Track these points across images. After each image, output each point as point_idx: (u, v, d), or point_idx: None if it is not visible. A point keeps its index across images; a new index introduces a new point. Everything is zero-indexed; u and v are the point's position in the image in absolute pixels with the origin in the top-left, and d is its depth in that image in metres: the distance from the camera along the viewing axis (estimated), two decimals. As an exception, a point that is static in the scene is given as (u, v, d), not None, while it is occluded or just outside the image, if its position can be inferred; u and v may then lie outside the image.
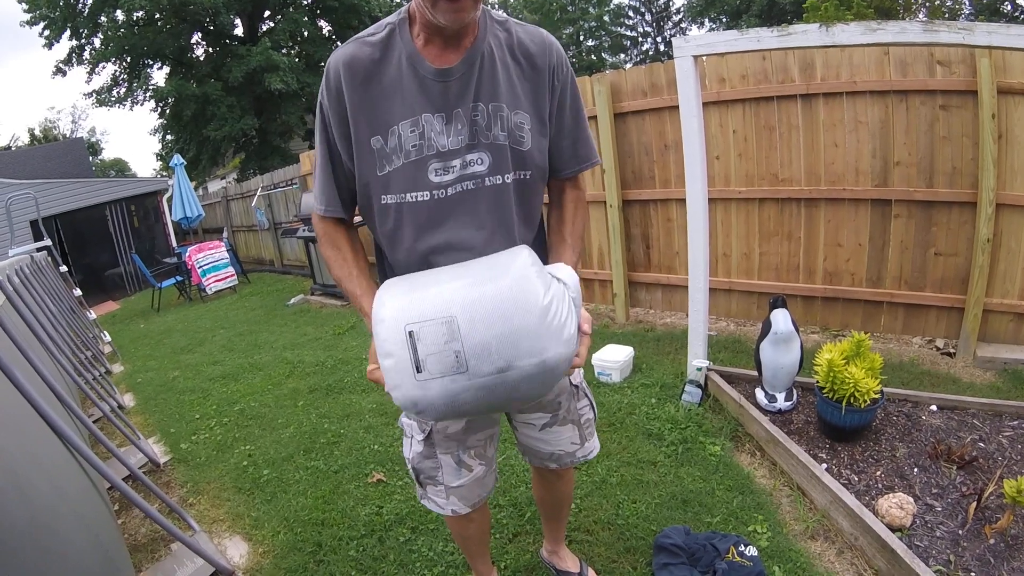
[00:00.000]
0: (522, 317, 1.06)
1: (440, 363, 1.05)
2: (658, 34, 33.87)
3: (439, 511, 1.59)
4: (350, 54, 1.23)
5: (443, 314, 1.06)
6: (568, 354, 1.12)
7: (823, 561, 2.02)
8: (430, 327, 1.06)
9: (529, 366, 1.07)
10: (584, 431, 1.65)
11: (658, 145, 4.44)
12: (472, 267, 1.17)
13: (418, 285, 1.15)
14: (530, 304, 1.07)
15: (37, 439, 1.81)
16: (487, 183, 1.27)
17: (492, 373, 1.06)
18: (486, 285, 1.09)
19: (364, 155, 1.25)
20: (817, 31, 2.43)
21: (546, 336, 1.07)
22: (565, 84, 1.34)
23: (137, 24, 18.11)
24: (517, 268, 1.12)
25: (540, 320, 1.07)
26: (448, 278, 1.14)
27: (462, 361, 1.05)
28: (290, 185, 9.89)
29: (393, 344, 1.08)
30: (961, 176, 3.36)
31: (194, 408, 4.31)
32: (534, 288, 1.09)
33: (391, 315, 1.10)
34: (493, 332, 1.05)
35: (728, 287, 4.40)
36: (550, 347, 1.07)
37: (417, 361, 1.05)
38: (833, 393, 2.50)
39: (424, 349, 1.05)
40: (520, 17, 7.30)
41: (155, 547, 2.59)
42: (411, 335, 1.06)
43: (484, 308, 1.06)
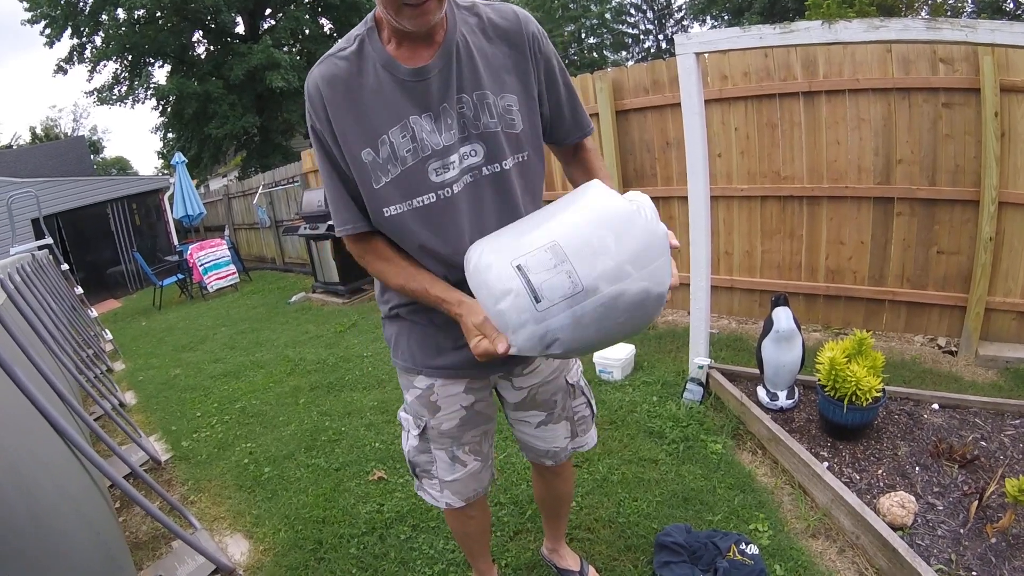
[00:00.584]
0: (621, 228, 1.06)
1: (556, 287, 1.03)
2: (660, 31, 33.80)
3: (433, 503, 1.60)
4: (326, 72, 1.21)
5: (544, 242, 1.06)
6: (668, 260, 1.11)
7: (824, 560, 2.01)
8: (535, 256, 1.05)
9: (640, 274, 1.06)
10: (577, 427, 1.66)
11: (660, 142, 4.43)
12: (548, 207, 1.18)
13: (505, 232, 1.16)
14: (624, 215, 1.08)
15: (39, 437, 1.81)
16: (485, 172, 1.25)
17: (609, 284, 1.04)
18: (571, 208, 1.11)
19: (359, 169, 1.23)
20: (819, 28, 2.42)
21: (647, 244, 1.07)
22: (548, 55, 1.32)
23: (138, 22, 18.09)
24: (595, 190, 1.14)
25: (640, 228, 1.07)
26: (532, 220, 1.16)
27: (576, 281, 1.03)
28: (292, 183, 9.88)
29: (507, 282, 1.06)
30: (964, 174, 3.35)
31: (195, 406, 4.32)
32: (619, 201, 1.10)
33: (495, 258, 1.09)
34: (592, 245, 1.05)
35: (730, 285, 4.40)
36: (651, 248, 1.07)
37: (534, 290, 1.04)
38: (835, 391, 2.49)
39: (536, 278, 1.04)
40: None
41: (156, 545, 2.59)
42: (519, 268, 1.05)
43: (579, 226, 1.07)
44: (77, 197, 12.47)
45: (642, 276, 1.06)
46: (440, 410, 1.47)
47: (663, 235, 1.11)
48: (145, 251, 11.86)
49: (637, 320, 1.10)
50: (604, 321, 1.06)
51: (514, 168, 1.29)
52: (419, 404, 1.48)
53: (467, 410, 1.48)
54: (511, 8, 1.30)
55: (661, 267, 1.09)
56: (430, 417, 1.48)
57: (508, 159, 1.27)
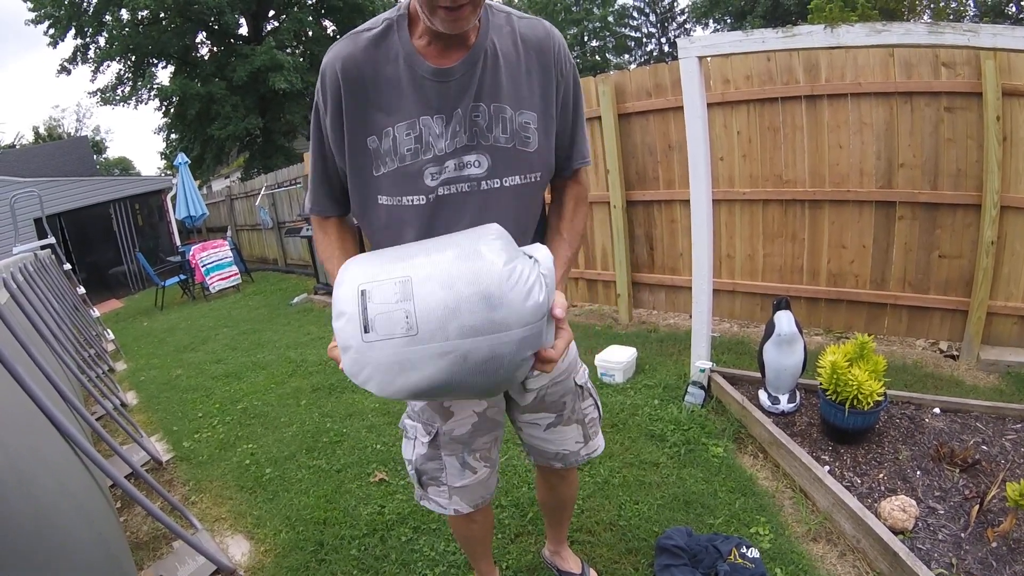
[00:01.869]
0: (478, 280, 0.98)
1: (389, 323, 0.98)
2: (662, 35, 33.88)
3: (440, 511, 1.58)
4: (346, 52, 1.18)
5: (399, 275, 1.02)
6: (529, 334, 1.01)
7: (825, 563, 2.01)
8: (383, 286, 1.01)
9: (483, 337, 0.98)
10: (588, 430, 1.64)
11: (662, 146, 4.44)
12: (442, 239, 1.12)
13: (385, 256, 1.11)
14: (487, 268, 0.99)
15: (41, 436, 1.81)
16: (483, 186, 1.22)
17: (442, 340, 0.97)
18: (447, 251, 1.04)
19: (360, 154, 1.21)
20: (822, 32, 2.43)
21: (503, 303, 0.97)
22: (569, 78, 1.29)
23: (142, 23, 18.17)
24: (482, 236, 1.07)
25: (497, 285, 0.98)
26: (415, 250, 1.10)
27: (412, 324, 0.97)
28: (294, 184, 9.91)
29: (346, 303, 1.02)
30: (965, 178, 3.35)
31: (197, 406, 4.32)
32: (495, 254, 1.01)
33: (349, 277, 1.06)
34: (446, 295, 0.98)
35: (732, 288, 4.39)
36: (509, 317, 0.98)
37: (365, 320, 0.99)
38: (836, 395, 2.49)
39: (374, 308, 0.99)
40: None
41: (157, 545, 2.60)
42: (363, 294, 1.01)
43: (440, 270, 1.00)
44: (80, 197, 12.48)
45: (484, 342, 0.98)
46: (453, 416, 1.46)
47: (532, 306, 1.00)
48: (147, 251, 11.87)
49: (468, 382, 1.02)
50: (427, 373, 0.99)
51: (519, 188, 1.25)
52: (431, 410, 1.46)
53: (479, 416, 1.47)
54: (542, 24, 1.27)
55: (514, 338, 0.99)
56: (442, 423, 1.46)
57: (514, 177, 1.24)
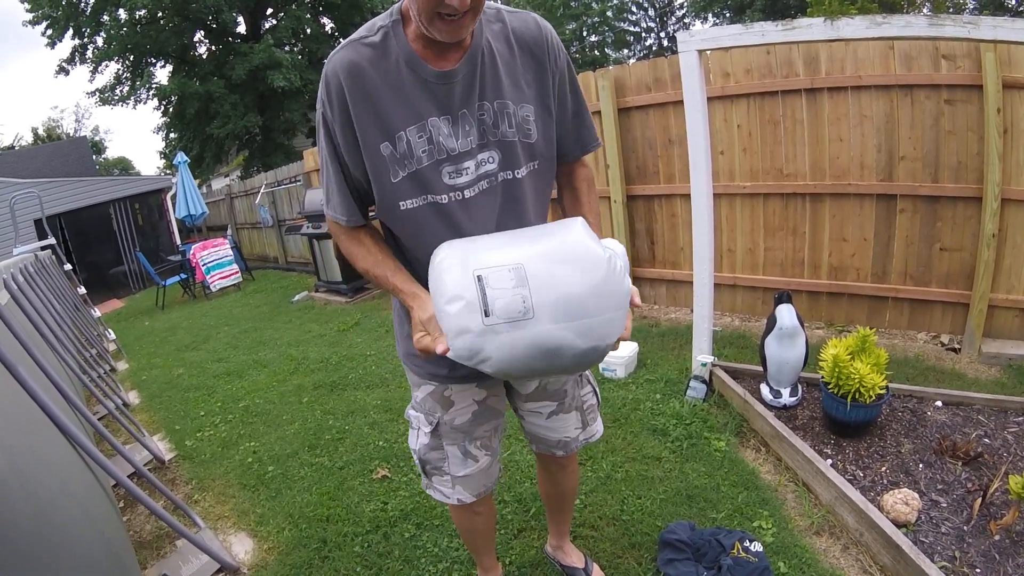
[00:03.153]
0: (586, 271, 1.07)
1: (508, 308, 1.04)
2: (661, 29, 33.72)
3: (444, 500, 1.61)
4: (348, 59, 1.19)
5: (511, 262, 1.07)
6: (623, 315, 1.11)
7: (828, 557, 2.02)
8: (498, 273, 1.06)
9: (590, 320, 1.06)
10: (587, 416, 1.68)
11: (662, 140, 4.43)
12: (529, 231, 1.18)
13: (479, 241, 1.16)
14: (593, 259, 1.08)
15: (43, 436, 1.81)
16: (499, 179, 1.27)
17: (556, 323, 1.05)
18: (549, 241, 1.12)
19: (376, 162, 1.23)
20: (822, 25, 2.42)
21: (607, 294, 1.07)
22: (563, 68, 1.33)
23: (140, 23, 18.10)
24: (577, 229, 1.14)
25: (604, 276, 1.08)
26: (508, 238, 1.16)
27: (529, 308, 1.04)
28: (294, 182, 9.89)
29: (462, 288, 1.06)
30: (966, 171, 3.34)
31: (199, 405, 4.32)
32: (594, 246, 1.10)
33: (458, 261, 1.10)
34: (556, 280, 1.05)
35: (733, 282, 4.39)
36: (609, 301, 1.08)
37: (486, 304, 1.04)
38: (838, 388, 2.49)
39: (493, 293, 1.05)
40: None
41: (160, 544, 2.60)
42: (479, 279, 1.06)
43: (549, 261, 1.07)
44: (80, 197, 12.47)
45: (590, 323, 1.06)
46: (453, 405, 1.48)
47: (626, 291, 1.12)
48: (148, 251, 11.87)
49: (574, 361, 1.10)
50: (541, 353, 1.07)
51: (527, 176, 1.30)
52: (432, 400, 1.49)
53: (479, 404, 1.50)
54: (533, 17, 1.30)
55: (612, 320, 1.09)
56: (443, 412, 1.49)
57: (522, 167, 1.28)
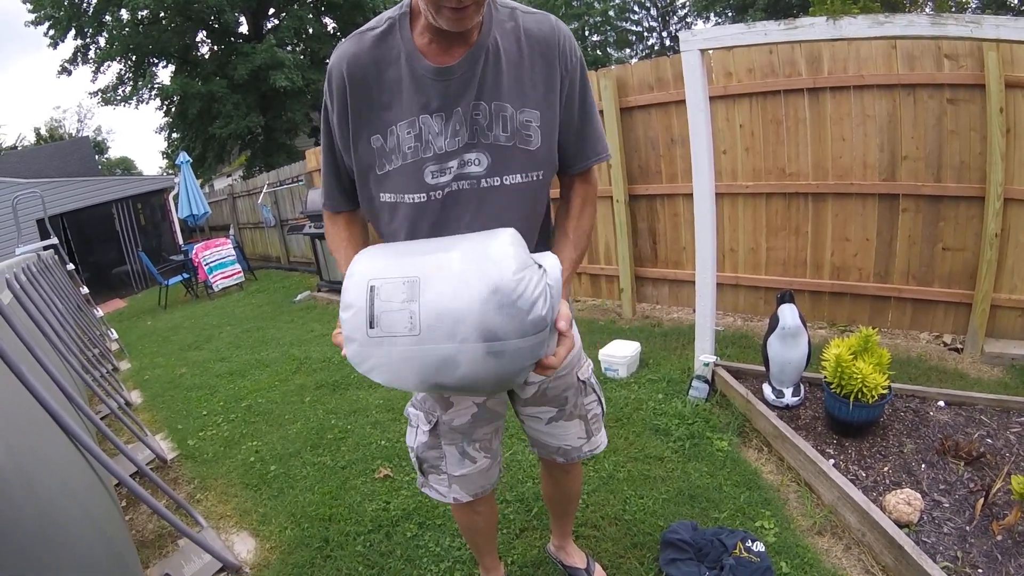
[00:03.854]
0: (485, 287, 1.00)
1: (393, 321, 1.02)
2: (664, 29, 33.71)
3: (440, 499, 1.60)
4: (351, 52, 1.20)
5: (408, 274, 1.05)
6: (530, 345, 1.02)
7: (830, 557, 2.01)
8: (392, 284, 1.04)
9: (482, 343, 0.99)
10: (591, 426, 1.65)
11: (665, 140, 4.43)
12: (456, 239, 1.13)
13: (398, 249, 1.15)
14: (495, 277, 1.00)
15: (45, 436, 1.82)
16: (483, 184, 1.21)
17: (442, 343, 1.00)
18: (459, 252, 1.06)
19: (365, 153, 1.23)
20: (824, 24, 2.41)
21: (506, 312, 0.99)
22: (575, 73, 1.27)
23: (142, 23, 18.13)
24: (493, 242, 1.08)
25: (504, 294, 0.99)
26: (427, 247, 1.12)
27: (415, 324, 1.01)
28: (296, 182, 9.90)
29: (354, 297, 1.06)
30: (969, 170, 3.34)
31: (201, 405, 4.33)
32: (505, 263, 1.02)
33: (360, 270, 1.10)
34: (452, 299, 1.00)
35: (735, 282, 4.39)
36: (508, 327, 1.00)
37: (372, 315, 1.04)
38: (841, 388, 2.49)
39: (381, 305, 1.03)
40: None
41: (163, 543, 2.60)
42: (372, 289, 1.05)
43: (449, 274, 1.03)
44: (82, 197, 12.50)
45: (482, 348, 1.00)
46: (453, 406, 1.47)
47: (536, 318, 1.02)
48: (150, 251, 11.88)
49: (466, 383, 1.05)
50: (425, 371, 1.03)
51: (521, 186, 1.25)
52: (432, 399, 1.48)
53: (479, 406, 1.49)
54: (548, 19, 1.26)
55: (515, 348, 1.01)
56: (443, 412, 1.48)
57: (515, 176, 1.23)
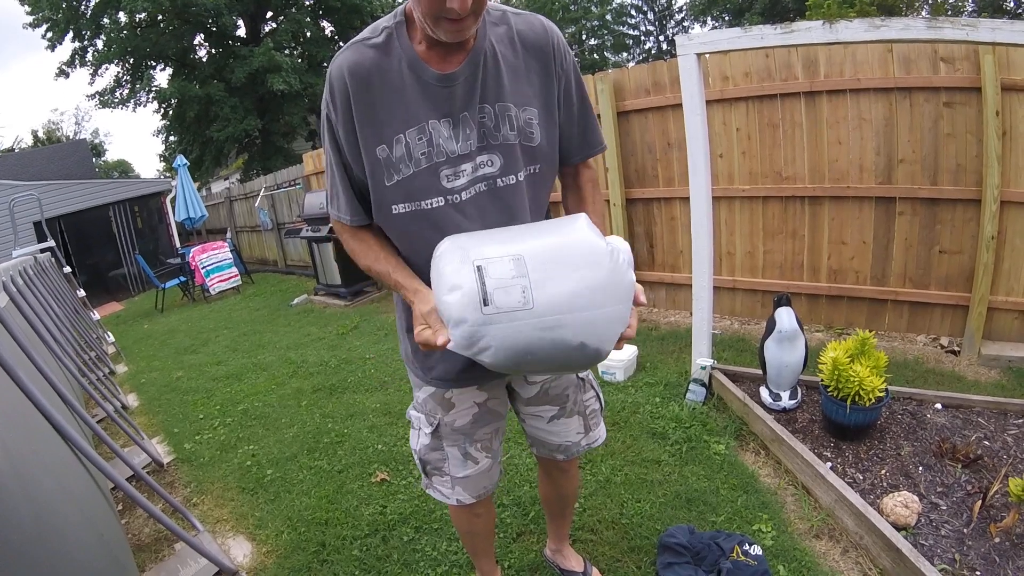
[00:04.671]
0: (587, 264, 1.06)
1: (507, 297, 1.03)
2: (660, 33, 33.83)
3: (444, 500, 1.61)
4: (353, 61, 1.20)
5: (512, 253, 1.07)
6: (626, 310, 1.09)
7: (828, 560, 2.01)
8: (498, 263, 1.05)
9: (590, 314, 1.05)
10: (589, 421, 1.67)
11: (661, 143, 4.43)
12: (532, 226, 1.18)
13: (482, 235, 1.16)
14: (595, 253, 1.07)
15: (41, 440, 1.81)
16: (499, 184, 1.26)
17: (556, 314, 1.03)
18: (552, 235, 1.11)
19: (373, 164, 1.23)
20: (820, 28, 2.42)
21: (609, 288, 1.06)
22: (569, 71, 1.32)
23: (139, 26, 18.15)
24: (580, 224, 1.13)
25: (606, 270, 1.06)
26: (511, 232, 1.15)
27: (528, 298, 1.03)
28: (293, 185, 9.89)
29: (461, 277, 1.06)
30: (965, 173, 3.35)
31: (198, 408, 4.32)
32: (597, 240, 1.09)
33: (459, 252, 1.10)
34: (557, 271, 1.04)
35: (732, 285, 4.39)
36: (611, 293, 1.06)
37: (485, 293, 1.03)
38: (838, 391, 2.49)
39: (492, 283, 1.04)
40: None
41: (159, 547, 2.59)
42: (479, 269, 1.05)
43: (551, 252, 1.07)
44: (79, 200, 12.47)
45: (591, 316, 1.05)
46: (454, 407, 1.48)
47: (629, 286, 1.10)
48: (147, 254, 11.84)
49: (574, 355, 1.08)
50: (539, 344, 1.05)
51: (526, 180, 1.29)
52: (433, 401, 1.49)
53: (480, 407, 1.50)
54: (539, 19, 1.29)
55: (614, 315, 1.08)
56: (444, 414, 1.49)
57: (522, 171, 1.28)
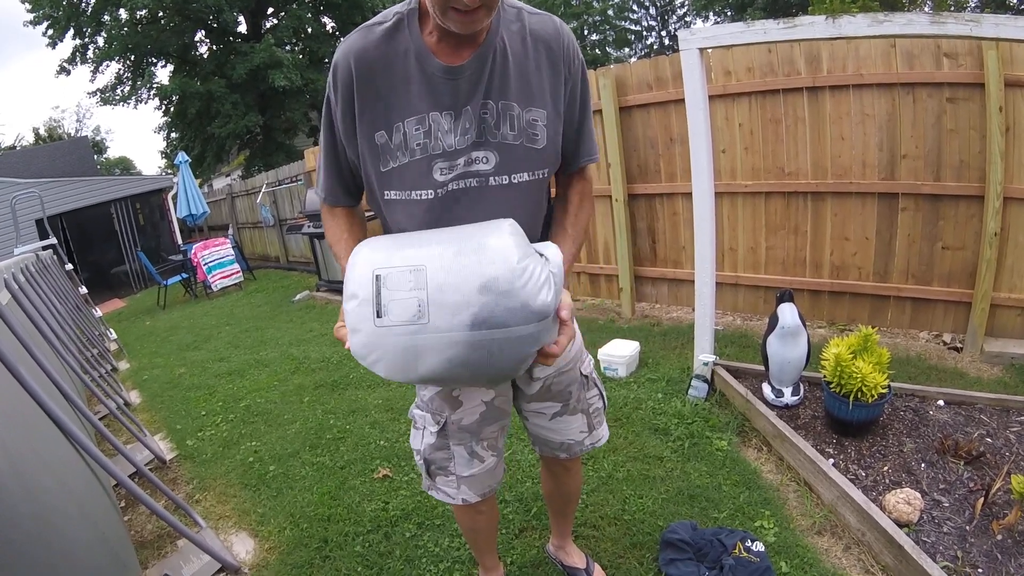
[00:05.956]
0: (491, 275, 1.02)
1: (402, 310, 1.02)
2: (663, 28, 33.75)
3: (449, 501, 1.59)
4: (359, 46, 1.19)
5: (413, 263, 1.05)
6: (536, 331, 1.04)
7: (830, 557, 2.01)
8: (398, 273, 1.04)
9: (492, 333, 1.01)
10: (593, 420, 1.66)
11: (664, 139, 4.42)
12: (456, 230, 1.14)
13: (399, 240, 1.14)
14: (501, 264, 1.02)
15: (43, 437, 1.81)
16: (491, 183, 1.23)
17: (451, 330, 1.01)
18: (462, 243, 1.07)
19: (369, 149, 1.23)
20: (823, 23, 2.41)
21: (513, 300, 1.01)
22: (577, 75, 1.30)
23: (140, 22, 18.11)
24: (495, 231, 1.09)
25: (509, 281, 1.01)
26: (429, 238, 1.13)
27: (424, 311, 1.01)
28: (295, 182, 9.90)
29: (359, 286, 1.06)
30: (968, 169, 3.33)
31: (200, 405, 4.33)
32: (507, 251, 1.04)
33: (363, 260, 1.10)
34: (459, 286, 1.02)
35: (734, 281, 4.39)
36: (514, 315, 1.02)
37: (379, 305, 1.03)
38: (840, 388, 2.48)
39: (388, 294, 1.03)
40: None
41: (161, 544, 2.60)
42: (377, 278, 1.05)
43: (454, 262, 1.04)
44: (81, 197, 12.49)
45: (491, 335, 1.02)
46: (462, 405, 1.48)
47: (541, 305, 1.03)
48: (149, 250, 11.87)
49: (474, 372, 1.06)
50: (434, 361, 1.04)
51: (527, 184, 1.27)
52: (440, 399, 1.48)
53: (487, 405, 1.49)
54: (552, 20, 1.27)
55: (521, 334, 1.03)
56: (451, 412, 1.48)
57: (523, 174, 1.25)
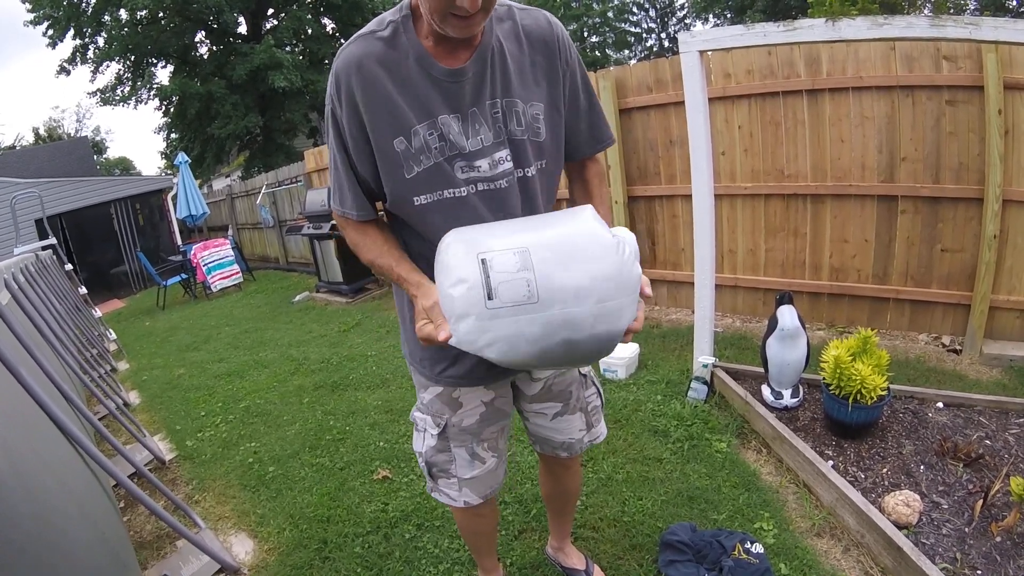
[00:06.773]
0: (593, 256, 1.05)
1: (512, 291, 1.02)
2: (662, 30, 33.75)
3: (451, 503, 1.59)
4: (360, 54, 1.18)
5: (517, 246, 1.06)
6: (632, 302, 1.09)
7: (829, 559, 2.01)
8: (502, 256, 1.05)
9: (596, 307, 1.04)
10: (591, 417, 1.68)
11: (663, 141, 4.43)
12: (537, 217, 1.18)
13: (487, 228, 1.15)
14: (600, 245, 1.07)
15: (43, 437, 1.81)
16: (516, 176, 1.26)
17: (562, 308, 1.03)
18: (556, 227, 1.11)
19: (388, 158, 1.21)
20: (823, 26, 2.42)
21: (614, 280, 1.05)
22: (574, 66, 1.32)
23: (141, 23, 18.08)
24: (586, 216, 1.13)
25: (611, 262, 1.06)
26: (517, 224, 1.15)
27: (533, 292, 1.02)
28: (295, 183, 9.89)
29: (467, 271, 1.05)
30: (967, 172, 3.34)
31: (200, 405, 4.32)
32: (603, 232, 1.09)
33: (464, 246, 1.09)
34: (564, 267, 1.04)
35: (734, 283, 4.39)
36: (618, 292, 1.06)
37: (489, 287, 1.03)
38: (840, 390, 2.49)
39: (496, 277, 1.03)
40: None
41: (161, 544, 2.60)
42: (483, 262, 1.04)
43: (556, 244, 1.06)
44: (80, 197, 12.48)
45: (596, 309, 1.04)
46: (462, 407, 1.48)
47: (635, 278, 1.09)
48: (149, 251, 11.84)
49: (579, 349, 1.08)
50: (545, 339, 1.05)
51: (537, 175, 1.30)
52: (440, 402, 1.48)
53: (487, 406, 1.49)
54: (543, 15, 1.29)
55: (620, 308, 1.07)
56: (451, 414, 1.48)
57: (531, 167, 1.28)
